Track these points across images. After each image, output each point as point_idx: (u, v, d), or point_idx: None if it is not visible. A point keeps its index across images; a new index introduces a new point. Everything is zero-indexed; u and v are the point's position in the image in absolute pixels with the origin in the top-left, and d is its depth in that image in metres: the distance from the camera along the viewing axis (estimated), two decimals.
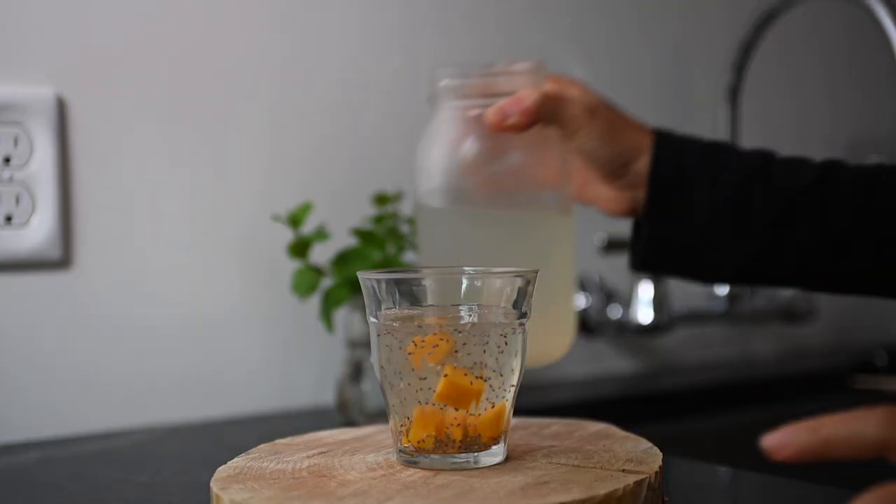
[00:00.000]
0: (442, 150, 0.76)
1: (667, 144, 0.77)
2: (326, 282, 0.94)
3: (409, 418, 0.58)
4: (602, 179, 0.78)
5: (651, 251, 0.78)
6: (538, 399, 1.05)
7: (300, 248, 0.93)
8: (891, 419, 0.43)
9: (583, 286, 1.19)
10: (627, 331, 1.20)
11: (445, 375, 0.57)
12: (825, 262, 0.76)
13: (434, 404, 0.57)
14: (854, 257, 0.76)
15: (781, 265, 0.77)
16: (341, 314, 0.95)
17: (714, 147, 0.79)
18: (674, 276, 0.82)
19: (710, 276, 0.80)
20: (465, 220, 0.77)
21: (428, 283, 0.59)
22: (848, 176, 0.77)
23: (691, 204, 0.76)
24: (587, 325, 1.20)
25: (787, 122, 1.40)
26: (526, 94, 0.73)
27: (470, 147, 0.75)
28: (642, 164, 0.76)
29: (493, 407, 0.58)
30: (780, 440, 0.44)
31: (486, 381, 0.57)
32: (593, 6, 1.22)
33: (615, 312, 1.19)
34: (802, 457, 0.44)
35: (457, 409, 0.57)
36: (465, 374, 0.57)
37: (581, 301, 1.19)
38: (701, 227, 0.76)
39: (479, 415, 0.58)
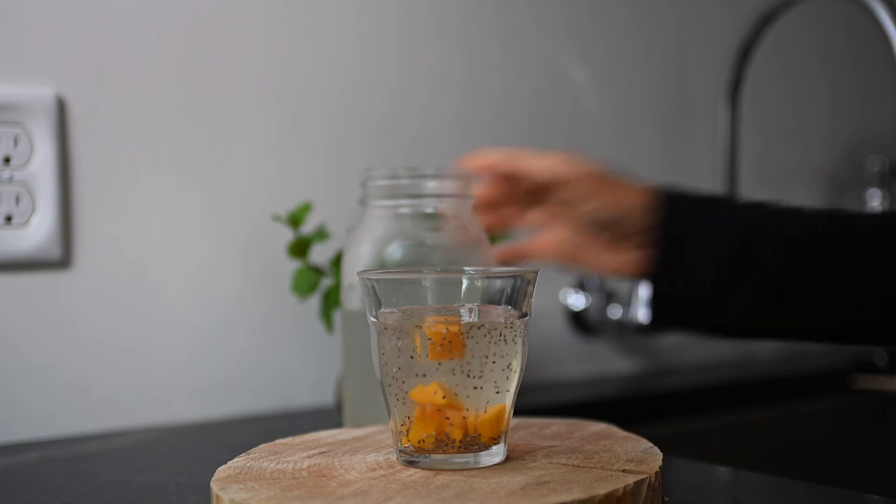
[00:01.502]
0: (369, 247, 0.77)
1: (667, 203, 0.78)
2: (326, 282, 0.94)
3: (409, 418, 0.58)
4: (605, 245, 0.80)
5: (664, 309, 0.79)
6: (538, 399, 1.05)
7: (300, 248, 0.93)
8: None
9: (582, 286, 1.19)
10: (627, 331, 1.20)
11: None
12: (832, 313, 0.76)
13: (436, 403, 0.57)
14: (861, 307, 0.76)
15: (789, 318, 0.77)
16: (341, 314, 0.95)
17: (713, 202, 0.79)
18: (688, 332, 0.83)
19: (720, 332, 0.81)
20: None
21: (428, 283, 0.59)
22: (857, 224, 0.77)
23: (697, 262, 0.77)
24: (587, 325, 1.20)
25: (787, 122, 1.40)
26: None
27: (395, 248, 0.76)
28: (642, 224, 0.78)
29: (495, 396, 0.58)
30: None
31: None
32: (592, 6, 1.22)
33: (615, 312, 1.19)
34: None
35: (459, 364, 0.57)
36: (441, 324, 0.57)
37: (581, 301, 1.19)
38: (708, 284, 0.77)
39: (480, 415, 0.58)
